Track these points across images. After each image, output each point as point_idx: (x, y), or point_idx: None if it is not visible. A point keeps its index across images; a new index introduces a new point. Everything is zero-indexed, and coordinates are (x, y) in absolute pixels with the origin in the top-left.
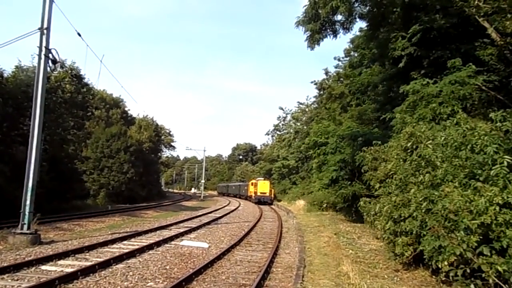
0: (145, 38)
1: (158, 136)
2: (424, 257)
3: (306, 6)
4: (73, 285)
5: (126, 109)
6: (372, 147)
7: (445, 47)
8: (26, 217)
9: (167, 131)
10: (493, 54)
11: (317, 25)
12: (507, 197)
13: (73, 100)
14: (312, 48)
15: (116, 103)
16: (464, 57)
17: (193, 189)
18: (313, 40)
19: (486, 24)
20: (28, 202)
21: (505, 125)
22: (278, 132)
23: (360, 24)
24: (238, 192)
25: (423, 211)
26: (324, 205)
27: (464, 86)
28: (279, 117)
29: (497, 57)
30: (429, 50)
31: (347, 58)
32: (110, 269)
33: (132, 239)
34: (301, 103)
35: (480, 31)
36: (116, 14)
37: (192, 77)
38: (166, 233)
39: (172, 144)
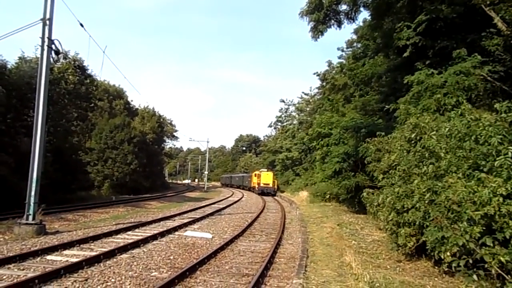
0: (147, 30)
1: (161, 127)
2: (427, 248)
3: None
4: (78, 275)
5: (129, 100)
6: (375, 138)
7: (451, 37)
8: (31, 207)
9: (168, 120)
10: (499, 44)
11: (321, 15)
12: (511, 188)
13: (77, 91)
14: (316, 39)
15: (119, 94)
16: (470, 47)
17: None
18: (317, 30)
19: (492, 14)
20: (33, 193)
21: (510, 115)
22: (280, 124)
23: (364, 14)
24: (241, 183)
25: (426, 202)
26: (327, 196)
27: (469, 76)
28: (281, 109)
29: (503, 47)
30: (434, 40)
31: (350, 50)
32: (114, 259)
33: (136, 230)
34: (305, 94)
35: (487, 20)
36: (118, 6)
37: (194, 68)
38: (170, 224)
39: (175, 134)
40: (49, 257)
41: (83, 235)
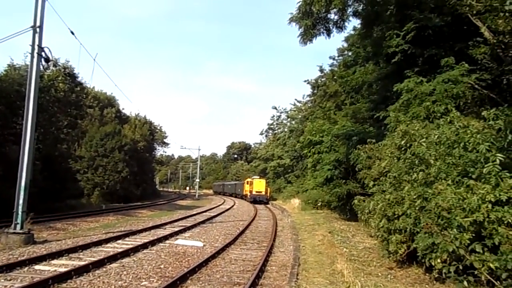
0: (139, 37)
1: (152, 135)
2: (418, 254)
3: (300, 3)
4: (67, 285)
5: (120, 108)
6: (366, 146)
7: (439, 45)
8: (19, 216)
9: (157, 126)
10: (486, 53)
11: (310, 22)
12: (499, 195)
13: (67, 99)
14: (305, 44)
15: (110, 102)
16: (458, 56)
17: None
18: (306, 35)
19: (478, 23)
20: (21, 201)
21: (498, 123)
22: (272, 132)
23: (354, 23)
24: (234, 191)
25: (416, 208)
26: (319, 204)
27: (457, 84)
28: (273, 116)
29: (490, 56)
30: (423, 48)
31: (341, 58)
32: (104, 269)
33: (127, 239)
34: (298, 101)
35: (473, 30)
36: (110, 14)
37: (187, 76)
38: (161, 232)
39: (165, 141)
40: (37, 267)
41: (72, 244)
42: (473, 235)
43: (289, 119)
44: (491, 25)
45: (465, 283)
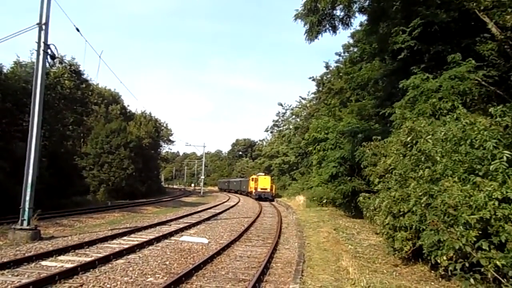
0: (145, 35)
1: (158, 132)
2: (423, 252)
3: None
4: (73, 281)
5: (125, 104)
6: (372, 143)
7: (446, 41)
8: (26, 213)
9: (163, 123)
10: (493, 49)
11: (315, 19)
12: (506, 192)
13: (73, 96)
14: (311, 41)
15: (115, 99)
16: (465, 52)
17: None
18: (312, 32)
19: (486, 19)
20: (27, 197)
21: (505, 120)
22: (277, 128)
23: (360, 19)
24: (239, 188)
25: (422, 206)
26: (324, 201)
27: (464, 81)
28: (278, 113)
29: (497, 52)
30: (429, 45)
31: (346, 54)
32: (110, 265)
33: (132, 235)
34: (303, 98)
35: (481, 25)
36: (115, 11)
37: (192, 73)
38: (166, 229)
39: (171, 138)
40: (43, 262)
41: (78, 240)
42: (480, 232)
43: (294, 116)
44: (499, 21)
45: (472, 280)
